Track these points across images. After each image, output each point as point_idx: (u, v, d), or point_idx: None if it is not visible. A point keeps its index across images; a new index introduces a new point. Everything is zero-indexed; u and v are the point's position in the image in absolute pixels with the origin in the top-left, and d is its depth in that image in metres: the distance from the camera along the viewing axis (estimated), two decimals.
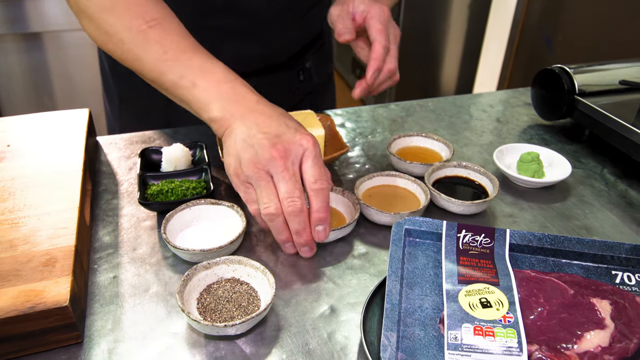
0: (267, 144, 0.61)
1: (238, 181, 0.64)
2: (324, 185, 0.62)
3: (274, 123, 0.63)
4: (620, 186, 0.83)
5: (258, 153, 0.61)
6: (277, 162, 0.61)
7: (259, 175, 0.61)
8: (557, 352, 0.50)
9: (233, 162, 0.63)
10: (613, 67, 0.96)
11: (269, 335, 0.55)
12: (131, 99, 1.00)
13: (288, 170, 0.61)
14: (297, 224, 0.61)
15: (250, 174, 0.62)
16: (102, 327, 0.56)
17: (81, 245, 0.60)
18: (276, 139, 0.62)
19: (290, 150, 0.62)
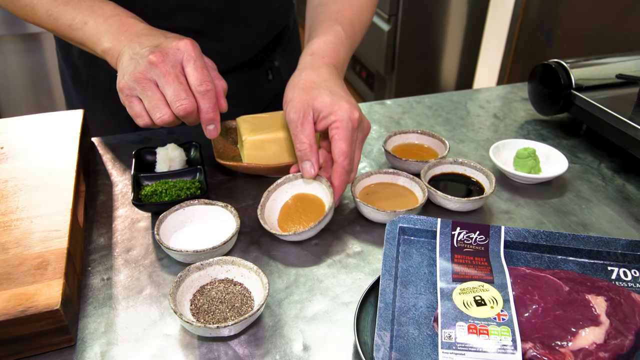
0: (147, 53, 0.63)
1: (124, 96, 0.64)
2: (209, 86, 0.64)
3: (154, 37, 0.66)
4: (617, 181, 0.82)
5: (140, 64, 0.63)
6: (157, 68, 0.62)
7: (143, 84, 0.63)
8: (551, 349, 0.49)
9: (120, 79, 0.64)
10: (610, 61, 0.95)
11: (262, 336, 0.55)
12: (95, 109, 0.98)
13: (170, 74, 0.62)
14: (192, 120, 0.65)
15: (133, 85, 0.63)
16: (95, 330, 0.55)
17: (74, 248, 0.60)
18: (154, 48, 0.63)
19: (168, 55, 0.63)
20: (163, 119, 0.63)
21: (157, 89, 0.63)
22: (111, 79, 0.95)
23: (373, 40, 2.89)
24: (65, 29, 0.71)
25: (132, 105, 0.64)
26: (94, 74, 0.96)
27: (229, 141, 0.84)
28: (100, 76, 0.96)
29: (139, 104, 0.64)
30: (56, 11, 0.71)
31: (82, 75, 0.97)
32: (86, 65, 0.95)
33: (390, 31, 2.72)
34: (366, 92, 3.10)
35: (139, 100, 0.64)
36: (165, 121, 0.63)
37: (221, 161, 0.76)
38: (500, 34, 2.57)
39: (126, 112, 0.96)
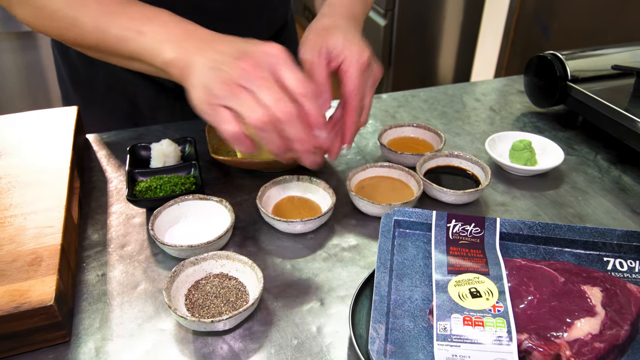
0: (233, 61, 0.56)
1: (208, 107, 0.56)
2: (310, 89, 0.57)
3: (234, 44, 0.59)
4: (613, 172, 0.82)
5: (226, 71, 0.55)
6: (250, 74, 0.55)
7: (234, 90, 0.55)
8: (547, 340, 0.49)
9: (200, 90, 0.56)
10: (606, 52, 0.95)
11: (257, 330, 0.55)
12: (93, 107, 0.97)
13: (265, 79, 0.55)
14: (294, 130, 0.55)
15: (223, 94, 0.55)
16: (90, 326, 0.55)
17: (68, 244, 0.60)
18: (242, 54, 0.56)
19: (260, 61, 0.56)
20: (258, 118, 0.53)
21: (251, 93, 0.55)
22: (110, 77, 0.94)
23: (369, 35, 2.88)
24: (114, 42, 0.63)
25: (218, 112, 0.55)
26: (93, 72, 0.95)
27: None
28: (100, 74, 0.95)
29: (226, 111, 0.55)
30: (104, 21, 0.62)
31: (81, 74, 0.96)
32: (85, 64, 0.94)
33: (387, 26, 2.72)
34: None
35: (225, 108, 0.55)
36: (262, 121, 0.54)
37: (216, 156, 0.76)
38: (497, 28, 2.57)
39: (125, 110, 0.97)
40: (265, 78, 0.55)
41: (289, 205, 0.71)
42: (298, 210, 0.70)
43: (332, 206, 0.67)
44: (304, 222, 0.65)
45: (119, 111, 0.97)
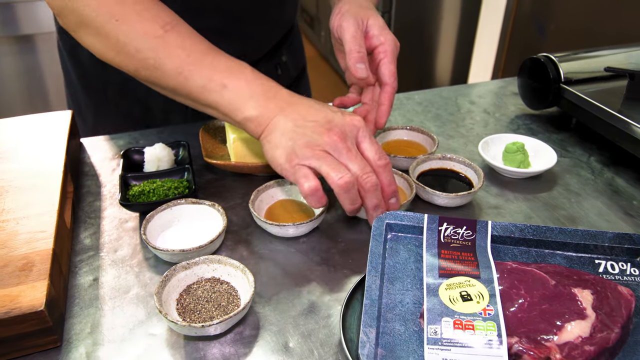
0: (322, 130, 0.60)
1: (290, 165, 0.60)
2: (387, 160, 0.63)
3: (318, 111, 0.62)
4: (606, 174, 0.82)
5: (314, 138, 0.59)
6: (339, 144, 0.60)
7: (319, 154, 0.59)
8: (537, 344, 0.49)
9: (283, 151, 0.60)
10: (599, 54, 0.95)
11: (248, 334, 0.55)
12: (106, 112, 0.98)
13: (351, 150, 0.60)
14: (375, 198, 0.61)
15: (308, 155, 0.59)
16: (81, 331, 0.55)
17: (60, 249, 0.60)
18: (329, 124, 0.61)
19: (346, 132, 0.61)
20: (346, 179, 0.58)
21: (335, 158, 0.60)
22: (123, 81, 0.93)
23: None
24: (196, 90, 0.63)
25: (301, 170, 0.59)
26: (106, 76, 0.94)
27: (218, 140, 0.84)
28: (112, 79, 0.94)
29: (307, 169, 0.59)
30: (188, 69, 0.63)
31: (92, 78, 0.95)
32: (97, 68, 0.93)
33: None
34: None
35: (309, 169, 0.60)
36: (348, 182, 0.58)
37: (209, 160, 0.76)
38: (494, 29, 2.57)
39: (137, 113, 0.97)
40: (352, 150, 0.60)
41: (282, 209, 0.71)
42: (291, 214, 0.70)
43: (325, 210, 0.67)
44: (296, 225, 0.65)
45: (132, 114, 0.98)
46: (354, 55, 0.71)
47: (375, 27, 0.72)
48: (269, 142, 0.62)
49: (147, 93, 0.95)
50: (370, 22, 0.72)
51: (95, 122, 1.00)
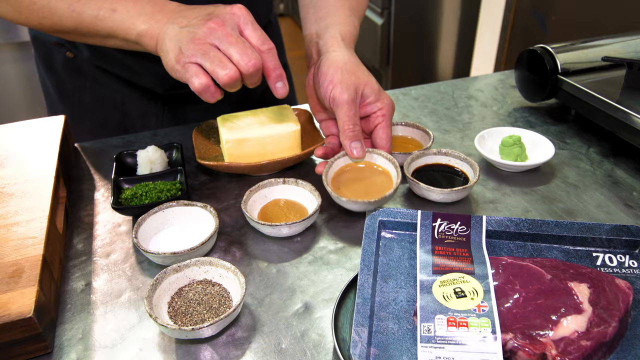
0: (201, 22, 0.62)
1: (180, 65, 0.62)
2: (271, 44, 0.64)
3: (201, 9, 0.65)
4: (606, 165, 0.81)
5: (195, 32, 0.61)
6: (218, 31, 0.61)
7: (205, 48, 0.61)
8: (532, 339, 0.48)
9: (171, 53, 0.62)
10: (596, 44, 0.94)
11: (241, 336, 0.54)
12: (82, 119, 0.97)
13: (232, 35, 0.62)
14: (257, 79, 0.64)
15: (193, 52, 0.61)
16: (73, 337, 0.55)
17: (51, 255, 0.60)
18: (208, 16, 0.63)
19: (226, 19, 0.63)
20: (229, 74, 0.60)
21: (220, 51, 0.62)
22: (98, 87, 0.94)
23: (367, 34, 2.87)
24: (91, 22, 0.67)
25: (189, 69, 0.61)
26: (80, 83, 0.94)
27: (212, 141, 0.83)
28: (87, 85, 0.94)
29: (195, 67, 0.61)
30: (78, 5, 0.67)
31: (67, 86, 0.95)
32: (71, 75, 0.94)
33: (384, 25, 2.70)
34: None
35: (197, 65, 0.62)
36: (232, 77, 0.61)
37: (202, 162, 0.75)
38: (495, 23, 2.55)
39: (115, 119, 0.96)
40: (232, 35, 0.62)
41: (276, 209, 0.70)
42: (284, 213, 0.70)
43: (318, 208, 0.67)
44: (289, 225, 0.64)
45: (109, 121, 0.97)
46: (348, 135, 0.70)
47: (371, 95, 0.72)
48: (162, 51, 0.64)
49: (122, 98, 0.95)
50: (366, 92, 0.71)
51: (73, 130, 0.98)
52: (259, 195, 0.71)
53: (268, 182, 0.72)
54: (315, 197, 0.69)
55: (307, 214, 0.69)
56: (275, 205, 0.71)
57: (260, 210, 0.70)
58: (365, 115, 0.73)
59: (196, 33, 0.61)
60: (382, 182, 0.71)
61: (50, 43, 0.91)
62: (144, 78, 0.92)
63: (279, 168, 0.78)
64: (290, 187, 0.72)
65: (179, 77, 0.63)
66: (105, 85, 0.94)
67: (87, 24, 0.68)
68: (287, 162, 0.76)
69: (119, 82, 0.94)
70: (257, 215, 0.69)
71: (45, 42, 0.92)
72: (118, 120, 0.97)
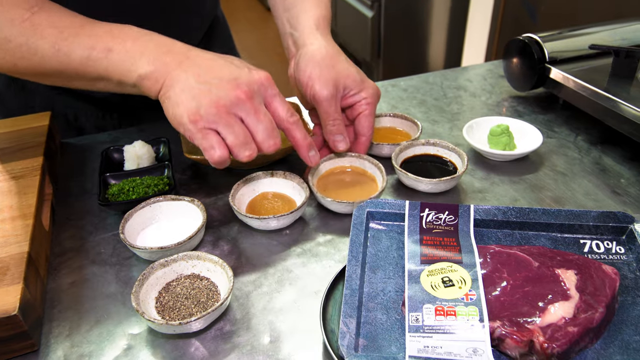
0: (229, 87, 0.57)
1: (196, 128, 0.56)
2: (297, 117, 0.63)
3: (222, 66, 0.59)
4: (593, 153, 0.81)
5: (221, 96, 0.56)
6: (246, 104, 0.57)
7: (229, 119, 0.57)
8: (520, 327, 0.48)
9: (187, 109, 0.56)
10: (583, 32, 0.94)
11: (229, 330, 0.54)
12: None
13: (260, 111, 0.58)
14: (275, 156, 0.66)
15: (215, 118, 0.56)
16: (60, 334, 0.54)
17: (36, 252, 0.59)
18: (235, 81, 0.57)
19: (254, 90, 0.59)
20: (250, 155, 0.59)
21: (244, 125, 0.58)
22: (47, 103, 0.88)
23: (357, 27, 2.86)
24: (80, 64, 0.59)
25: (208, 137, 0.57)
26: (25, 101, 0.87)
27: None
28: (35, 103, 0.88)
29: (215, 137, 0.57)
30: (65, 44, 0.58)
31: (10, 105, 0.88)
32: (15, 93, 0.87)
33: (374, 17, 2.70)
34: None
35: (215, 134, 0.57)
36: (251, 157, 0.59)
37: (190, 156, 0.75)
38: (485, 13, 2.55)
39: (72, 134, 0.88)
40: (260, 111, 0.59)
41: (264, 202, 0.70)
42: (273, 206, 0.69)
43: (306, 200, 0.66)
44: (277, 218, 0.64)
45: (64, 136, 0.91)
46: (330, 130, 0.70)
47: (354, 86, 0.70)
48: (169, 99, 0.58)
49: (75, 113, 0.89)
50: (348, 84, 0.70)
51: None
52: (247, 188, 0.71)
53: (256, 175, 0.71)
54: (303, 189, 0.69)
55: (295, 207, 0.68)
56: (264, 199, 0.71)
57: (248, 204, 0.70)
58: (349, 105, 0.73)
59: (220, 97, 0.56)
60: (367, 187, 0.72)
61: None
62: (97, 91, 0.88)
63: (266, 161, 0.78)
64: (278, 180, 0.72)
65: (190, 137, 0.58)
66: (55, 102, 0.88)
67: (75, 65, 0.59)
68: (274, 155, 0.76)
69: (69, 96, 0.88)
70: (246, 208, 0.69)
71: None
72: (73, 137, 0.91)
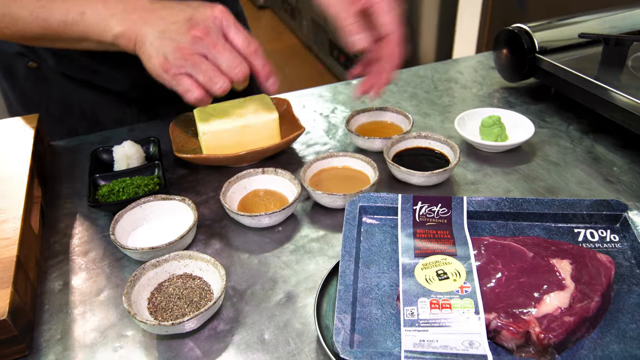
0: (184, 30, 0.61)
1: (169, 76, 0.62)
2: (256, 44, 0.64)
3: (179, 11, 0.63)
4: (585, 142, 0.81)
5: (180, 40, 0.60)
6: (205, 41, 0.61)
7: (194, 59, 0.61)
8: (515, 318, 0.48)
9: (157, 60, 0.61)
10: (573, 21, 0.93)
11: (223, 329, 0.53)
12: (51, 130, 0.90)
13: (218, 44, 0.62)
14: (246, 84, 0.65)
15: (181, 62, 0.61)
16: (51, 337, 0.54)
17: (26, 256, 0.58)
18: (190, 22, 0.61)
19: (210, 26, 0.62)
20: (223, 87, 0.62)
21: (209, 62, 0.62)
22: (66, 95, 0.90)
23: None
24: (58, 28, 0.64)
25: (181, 82, 0.62)
26: (45, 93, 0.91)
27: (189, 134, 0.82)
28: (53, 94, 0.91)
29: (188, 79, 0.62)
30: (43, 11, 0.64)
31: (32, 97, 0.92)
32: (36, 86, 0.90)
33: None
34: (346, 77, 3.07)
35: (188, 77, 0.62)
36: (225, 90, 0.63)
37: (180, 155, 0.74)
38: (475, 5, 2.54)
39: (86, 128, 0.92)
40: (218, 43, 0.62)
41: (256, 199, 0.70)
42: (265, 203, 0.69)
43: (298, 197, 0.66)
44: (269, 215, 0.63)
45: (79, 130, 0.92)
46: (348, 29, 0.66)
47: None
48: (143, 54, 0.63)
49: (93, 106, 0.91)
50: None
51: None
52: (238, 186, 0.70)
53: (247, 172, 0.71)
54: (295, 185, 0.68)
55: (287, 203, 0.68)
56: (255, 196, 0.70)
57: (239, 202, 0.69)
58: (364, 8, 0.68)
59: (180, 41, 0.60)
60: (360, 182, 0.72)
61: (11, 53, 0.87)
62: (116, 83, 0.90)
63: (258, 158, 0.77)
64: (269, 176, 0.71)
65: (167, 84, 0.63)
66: (73, 93, 0.90)
67: (55, 29, 0.65)
68: (266, 152, 0.75)
69: (88, 88, 0.90)
70: (237, 206, 0.69)
71: (5, 52, 0.88)
72: (88, 129, 0.92)
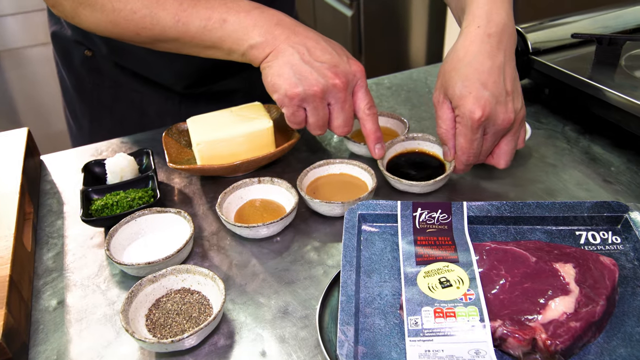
0: (329, 73, 0.64)
1: (291, 103, 0.65)
2: (375, 111, 0.69)
3: (325, 50, 0.65)
4: (582, 142, 0.80)
5: (321, 81, 0.64)
6: (340, 93, 0.65)
7: (319, 102, 0.65)
8: (521, 325, 0.47)
9: (288, 83, 0.64)
10: (565, 21, 0.93)
11: (223, 344, 0.52)
12: (100, 118, 0.97)
13: (347, 102, 0.66)
14: None
15: (309, 99, 0.64)
16: (47, 358, 0.52)
17: (19, 274, 0.57)
18: (336, 69, 0.65)
19: (349, 81, 0.66)
20: (320, 134, 0.70)
21: (327, 110, 0.67)
22: (116, 85, 0.94)
23: (337, 27, 2.85)
24: (196, 33, 0.66)
25: (297, 114, 0.66)
26: (99, 81, 0.94)
27: (183, 144, 0.81)
28: (105, 83, 0.94)
29: (302, 115, 0.67)
30: (185, 15, 0.65)
31: (86, 84, 0.95)
32: (90, 74, 0.93)
33: (354, 16, 2.69)
34: None
35: (303, 111, 0.67)
36: (320, 134, 0.71)
37: (174, 166, 0.73)
38: None
39: (133, 118, 0.96)
40: (347, 101, 0.67)
41: (252, 210, 0.69)
42: (261, 213, 0.68)
43: (295, 206, 0.65)
44: (267, 225, 0.62)
45: (127, 119, 0.97)
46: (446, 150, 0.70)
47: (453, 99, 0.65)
48: (271, 68, 0.65)
49: (140, 97, 0.94)
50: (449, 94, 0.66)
51: (91, 129, 0.99)
52: (234, 196, 0.69)
53: (243, 182, 0.70)
54: (292, 194, 0.67)
55: (284, 213, 0.67)
56: (252, 206, 0.69)
57: (236, 212, 0.68)
58: None
59: (320, 82, 0.64)
60: (357, 189, 0.71)
61: (69, 41, 0.90)
62: (163, 75, 0.92)
63: (253, 167, 0.76)
64: (265, 186, 0.70)
65: (280, 105, 0.67)
66: (123, 84, 0.93)
67: (192, 34, 0.66)
68: (261, 161, 0.74)
69: (137, 80, 0.94)
70: (234, 217, 0.67)
71: (64, 39, 0.91)
72: (135, 119, 0.96)
